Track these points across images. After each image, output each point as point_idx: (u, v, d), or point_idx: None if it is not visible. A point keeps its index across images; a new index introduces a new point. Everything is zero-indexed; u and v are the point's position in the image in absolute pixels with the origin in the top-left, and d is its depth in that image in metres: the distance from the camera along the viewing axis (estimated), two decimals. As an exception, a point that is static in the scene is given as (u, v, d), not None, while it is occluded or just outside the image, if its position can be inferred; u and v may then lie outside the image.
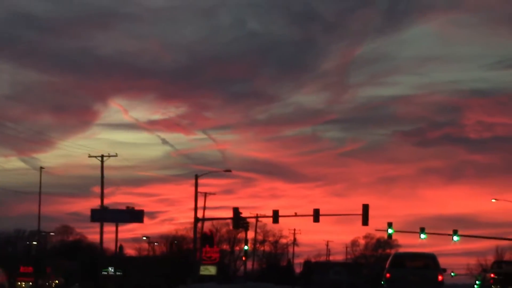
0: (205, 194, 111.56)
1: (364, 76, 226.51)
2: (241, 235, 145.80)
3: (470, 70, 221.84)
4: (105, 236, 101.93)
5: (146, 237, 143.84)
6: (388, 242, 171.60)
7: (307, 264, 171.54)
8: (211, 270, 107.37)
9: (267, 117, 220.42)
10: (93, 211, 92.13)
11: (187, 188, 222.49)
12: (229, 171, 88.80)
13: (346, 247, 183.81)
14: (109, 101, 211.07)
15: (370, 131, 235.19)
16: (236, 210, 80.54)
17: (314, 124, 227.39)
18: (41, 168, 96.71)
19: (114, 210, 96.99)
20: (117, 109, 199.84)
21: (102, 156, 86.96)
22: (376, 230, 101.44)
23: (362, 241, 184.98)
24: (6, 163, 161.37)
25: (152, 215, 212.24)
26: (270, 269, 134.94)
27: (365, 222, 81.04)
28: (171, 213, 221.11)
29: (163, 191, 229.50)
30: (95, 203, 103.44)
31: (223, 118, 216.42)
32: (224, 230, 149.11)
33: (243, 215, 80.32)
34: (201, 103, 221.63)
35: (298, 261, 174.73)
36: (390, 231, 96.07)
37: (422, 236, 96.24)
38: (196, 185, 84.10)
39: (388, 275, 33.72)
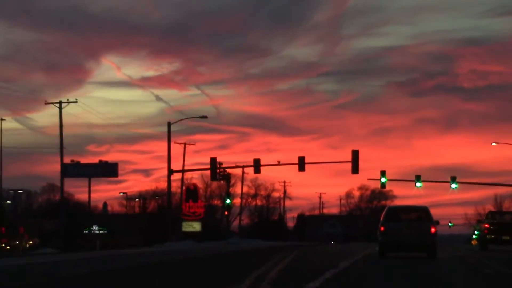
0: (184, 144, 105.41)
1: (356, 27, 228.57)
2: (234, 189, 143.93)
3: (462, 18, 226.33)
4: (97, 194, 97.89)
5: (124, 193, 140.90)
6: (383, 193, 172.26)
7: (301, 217, 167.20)
8: (195, 226, 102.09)
9: (260, 71, 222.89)
10: (64, 166, 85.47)
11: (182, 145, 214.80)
12: (205, 117, 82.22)
13: (340, 199, 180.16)
14: (102, 59, 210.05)
15: (364, 83, 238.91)
16: (213, 160, 74.46)
17: (308, 77, 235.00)
18: (1, 119, 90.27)
19: (86, 164, 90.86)
20: (110, 66, 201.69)
21: (60, 103, 79.89)
22: (369, 179, 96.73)
23: (356, 193, 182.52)
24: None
25: (147, 172, 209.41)
26: (261, 224, 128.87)
27: (355, 169, 75.39)
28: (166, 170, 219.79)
29: (157, 148, 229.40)
30: (89, 161, 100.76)
31: (216, 73, 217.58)
32: (215, 184, 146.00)
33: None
34: (194, 59, 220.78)
35: (292, 215, 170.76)
36: (383, 180, 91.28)
37: (418, 184, 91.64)
38: (169, 134, 78.05)
39: (382, 228, 34.70)
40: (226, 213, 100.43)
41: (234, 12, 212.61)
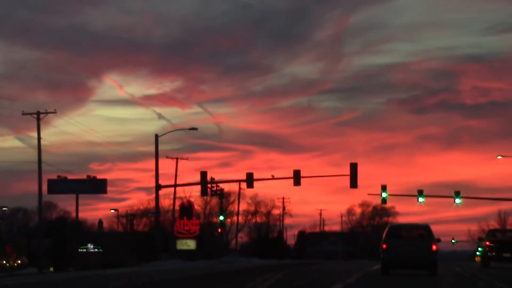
0: (176, 159, 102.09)
1: (358, 44, 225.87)
2: (233, 206, 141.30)
3: (464, 35, 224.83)
4: (100, 212, 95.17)
5: (114, 209, 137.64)
6: (385, 209, 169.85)
7: (301, 235, 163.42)
8: (189, 244, 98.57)
9: (262, 88, 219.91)
10: (50, 181, 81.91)
11: (185, 163, 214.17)
12: (195, 129, 78.88)
13: (342, 216, 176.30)
14: (104, 77, 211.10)
15: (366, 100, 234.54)
16: (203, 175, 71.09)
17: (309, 95, 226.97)
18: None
19: (74, 180, 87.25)
20: (112, 85, 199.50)
21: (38, 113, 76.14)
22: (369, 194, 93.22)
23: (358, 210, 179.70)
24: (2, 141, 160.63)
25: (150, 190, 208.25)
26: (259, 242, 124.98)
27: (353, 183, 72.17)
28: (168, 188, 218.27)
29: (160, 166, 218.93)
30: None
31: (218, 91, 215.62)
32: (214, 202, 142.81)
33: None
34: (196, 77, 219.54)
35: (293, 232, 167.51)
36: (384, 195, 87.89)
37: (420, 199, 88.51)
38: (157, 146, 74.77)
39: (384, 246, 35.26)
40: (219, 230, 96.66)
41: (236, 29, 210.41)
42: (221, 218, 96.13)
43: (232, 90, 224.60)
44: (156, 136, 75.67)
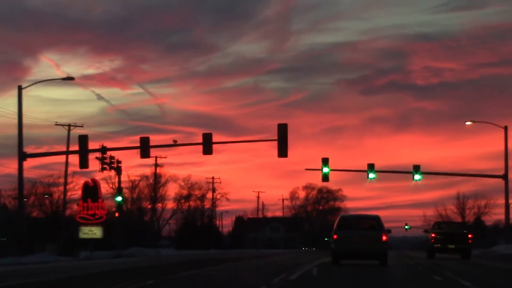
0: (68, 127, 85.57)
1: (306, 22, 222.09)
2: (165, 190, 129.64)
3: (415, 13, 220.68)
4: None
5: None
6: (331, 192, 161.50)
7: (239, 221, 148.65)
8: (95, 232, 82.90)
9: (206, 68, 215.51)
10: None
11: (125, 145, 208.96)
12: (71, 78, 61.82)
13: (283, 200, 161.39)
14: (40, 56, 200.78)
15: (314, 80, 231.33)
16: (82, 140, 54.10)
17: (256, 75, 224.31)
18: None
19: None
20: (49, 64, 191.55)
21: None
22: (307, 169, 78.68)
23: (302, 193, 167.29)
24: None
25: (89, 174, 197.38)
26: (185, 229, 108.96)
27: (282, 151, 56.47)
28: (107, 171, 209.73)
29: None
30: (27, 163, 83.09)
31: (160, 71, 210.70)
32: (143, 184, 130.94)
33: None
34: (136, 56, 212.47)
35: (230, 219, 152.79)
36: (325, 170, 72.97)
37: (371, 175, 75.13)
38: (20, 100, 57.66)
39: (335, 236, 36.31)
40: (116, 214, 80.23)
41: (179, 6, 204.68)
42: (118, 199, 79.42)
43: (175, 70, 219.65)
44: (19, 88, 58.47)
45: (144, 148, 57.13)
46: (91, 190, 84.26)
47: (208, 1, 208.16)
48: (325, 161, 74.21)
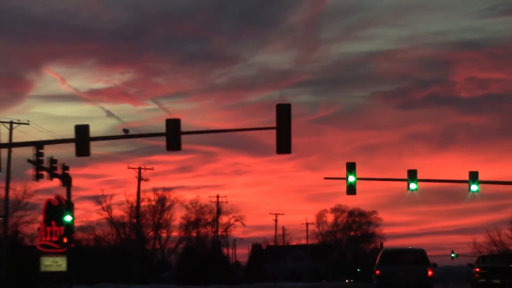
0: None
1: (337, 30, 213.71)
2: (169, 214, 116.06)
3: (458, 18, 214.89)
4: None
5: None
6: (365, 215, 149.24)
7: (256, 250, 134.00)
8: (60, 263, 66.33)
9: (227, 81, 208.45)
10: None
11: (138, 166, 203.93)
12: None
13: (307, 224, 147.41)
14: (44, 69, 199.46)
15: (346, 94, 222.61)
16: None
17: (281, 88, 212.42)
18: None
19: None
20: (53, 78, 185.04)
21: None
22: (326, 178, 62.70)
23: (330, 217, 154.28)
24: None
25: (98, 199, 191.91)
26: (185, 260, 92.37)
27: (283, 145, 38.92)
28: (119, 197, 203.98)
29: (109, 171, 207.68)
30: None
31: (176, 84, 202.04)
32: (147, 212, 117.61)
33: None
34: (150, 68, 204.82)
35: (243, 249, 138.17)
36: (351, 178, 56.73)
37: (412, 186, 58.90)
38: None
39: (377, 272, 36.02)
40: (65, 240, 63.23)
41: (196, 13, 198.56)
42: (67, 219, 61.94)
43: (192, 83, 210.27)
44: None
45: (81, 142, 39.38)
46: (55, 210, 67.58)
47: (229, 7, 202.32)
48: (351, 168, 56.65)
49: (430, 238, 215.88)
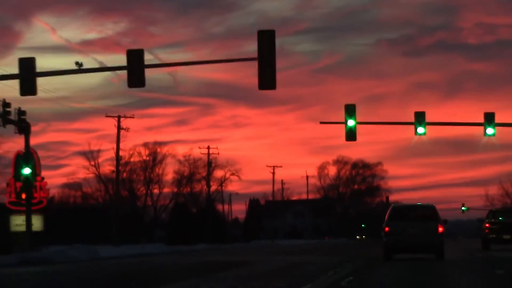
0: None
1: None
2: (161, 168, 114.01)
3: None
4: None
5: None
6: (369, 166, 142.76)
7: (254, 205, 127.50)
8: (33, 222, 60.57)
9: (225, 29, 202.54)
10: None
11: (133, 120, 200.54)
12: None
13: (307, 177, 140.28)
14: (33, 19, 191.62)
15: (350, 41, 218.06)
16: None
17: (282, 36, 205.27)
18: None
19: None
20: (43, 28, 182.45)
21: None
22: (321, 122, 56.90)
23: (332, 169, 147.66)
24: None
25: (91, 154, 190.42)
26: (177, 218, 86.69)
27: (266, 80, 32.57)
28: (111, 152, 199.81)
29: (104, 125, 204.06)
30: (12, 145, 74.64)
31: (172, 34, 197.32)
32: (138, 168, 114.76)
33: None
34: (144, 17, 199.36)
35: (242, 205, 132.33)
36: (351, 122, 51.67)
37: (420, 130, 52.25)
38: None
39: (387, 228, 35.86)
40: (23, 195, 57.26)
41: None
42: (26, 171, 55.83)
43: (189, 33, 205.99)
44: None
45: (26, 78, 33.07)
46: (22, 160, 61.24)
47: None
48: (350, 110, 50.76)
49: (440, 191, 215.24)
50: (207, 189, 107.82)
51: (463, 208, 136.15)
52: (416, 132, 51.57)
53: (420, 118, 51.98)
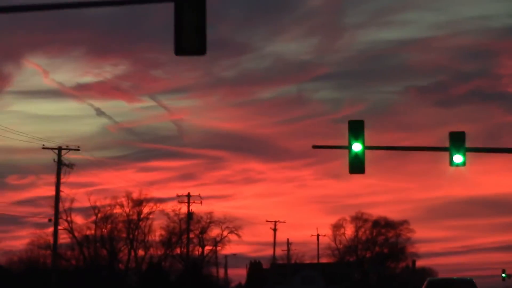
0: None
1: (364, 14, 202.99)
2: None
3: (504, 1, 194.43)
4: None
5: None
6: (393, 225, 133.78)
7: (255, 269, 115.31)
8: None
9: (236, 74, 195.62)
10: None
11: (133, 174, 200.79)
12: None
13: (318, 236, 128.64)
14: (24, 61, 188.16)
15: (375, 89, 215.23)
16: None
17: (299, 82, 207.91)
18: None
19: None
20: (35, 70, 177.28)
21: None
22: (313, 146, 40.69)
23: (349, 228, 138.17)
24: None
25: (87, 211, 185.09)
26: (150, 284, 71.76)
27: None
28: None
29: (101, 179, 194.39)
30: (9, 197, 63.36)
31: (177, 78, 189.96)
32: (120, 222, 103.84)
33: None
34: (146, 59, 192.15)
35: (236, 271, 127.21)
36: (357, 147, 37.72)
37: (458, 159, 43.30)
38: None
39: None
40: None
41: None
42: None
43: (196, 77, 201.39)
44: None
45: None
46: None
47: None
48: (356, 129, 35.12)
49: (475, 256, 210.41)
50: (200, 249, 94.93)
51: (503, 275, 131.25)
52: (451, 162, 38.60)
53: (457, 140, 37.45)
